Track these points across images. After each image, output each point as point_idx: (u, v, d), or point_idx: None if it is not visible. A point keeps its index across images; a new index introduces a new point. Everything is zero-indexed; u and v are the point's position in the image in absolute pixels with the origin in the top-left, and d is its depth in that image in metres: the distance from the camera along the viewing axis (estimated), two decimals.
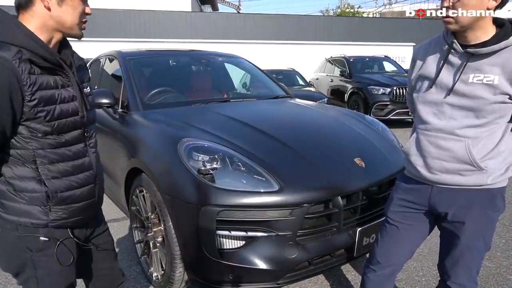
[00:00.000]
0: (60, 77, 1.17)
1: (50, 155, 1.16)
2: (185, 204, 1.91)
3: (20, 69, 1.05)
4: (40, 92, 1.09)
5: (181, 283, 2.14)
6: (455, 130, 1.34)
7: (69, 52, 1.23)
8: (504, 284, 2.42)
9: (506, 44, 1.23)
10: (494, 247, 2.90)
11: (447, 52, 1.34)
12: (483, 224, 1.42)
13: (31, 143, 1.12)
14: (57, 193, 1.18)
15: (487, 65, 1.26)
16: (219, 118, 2.61)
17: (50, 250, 1.20)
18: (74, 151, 1.22)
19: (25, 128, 1.10)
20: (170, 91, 3.21)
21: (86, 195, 1.27)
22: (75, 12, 1.15)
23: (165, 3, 16.53)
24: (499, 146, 1.34)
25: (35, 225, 1.18)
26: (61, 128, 1.16)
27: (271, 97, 3.51)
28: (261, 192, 1.85)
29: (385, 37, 17.28)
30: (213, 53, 4.09)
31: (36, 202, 1.16)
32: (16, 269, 1.22)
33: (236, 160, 1.98)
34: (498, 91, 1.25)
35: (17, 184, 1.15)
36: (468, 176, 1.36)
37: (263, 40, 16.34)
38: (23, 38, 1.07)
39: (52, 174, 1.17)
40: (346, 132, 2.64)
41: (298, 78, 9.73)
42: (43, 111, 1.10)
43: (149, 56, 3.67)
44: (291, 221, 1.83)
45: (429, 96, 1.40)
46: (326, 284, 2.46)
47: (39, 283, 1.21)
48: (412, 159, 1.48)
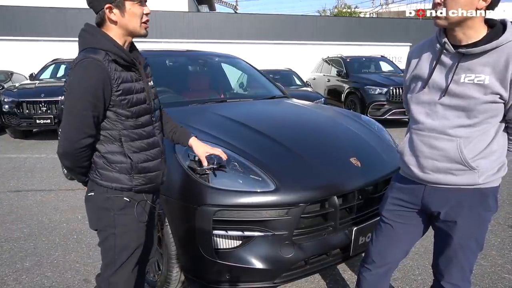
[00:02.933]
0: (134, 73, 1.46)
1: (131, 135, 1.45)
2: (181, 204, 1.92)
3: (109, 67, 1.34)
4: (124, 85, 1.39)
5: (178, 283, 2.14)
6: (447, 129, 1.35)
7: (137, 53, 1.54)
8: (499, 283, 2.43)
9: (497, 44, 1.23)
10: (489, 246, 2.91)
11: (439, 53, 1.36)
12: (475, 224, 1.42)
13: (117, 124, 1.41)
14: (138, 163, 1.47)
15: (478, 65, 1.27)
16: (216, 118, 2.62)
17: (130, 209, 1.49)
18: (147, 131, 1.51)
19: (113, 113, 1.39)
20: (167, 91, 3.21)
21: (157, 166, 1.56)
22: (136, 17, 1.41)
23: (162, 3, 16.49)
24: (491, 146, 1.35)
25: (123, 188, 1.46)
26: (138, 113, 1.45)
27: (268, 97, 3.52)
28: (257, 192, 1.85)
29: (382, 37, 17.32)
30: (210, 53, 4.10)
31: (123, 171, 1.46)
32: (101, 226, 1.50)
33: (232, 160, 1.98)
34: (489, 91, 1.26)
35: (109, 157, 1.44)
36: (459, 176, 1.37)
37: (260, 40, 16.35)
38: (108, 44, 1.36)
39: (133, 149, 1.46)
40: (342, 132, 2.65)
41: (295, 78, 9.74)
42: (125, 99, 1.40)
43: (145, 56, 3.66)
44: (287, 221, 1.83)
45: (422, 96, 1.42)
46: (323, 283, 2.47)
47: (116, 239, 1.48)
48: (406, 158, 1.49)
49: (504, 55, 1.23)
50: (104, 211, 1.47)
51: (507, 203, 3.85)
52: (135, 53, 1.52)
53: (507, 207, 3.72)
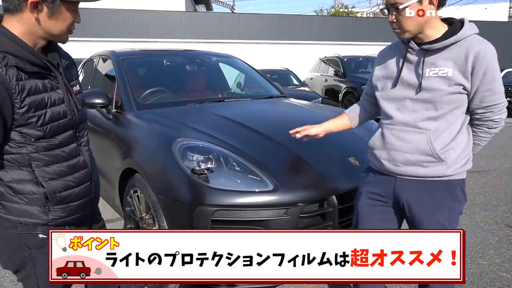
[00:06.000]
0: (49, 80, 1.15)
1: (44, 158, 1.16)
2: (179, 204, 1.91)
3: (7, 76, 1.02)
4: (29, 98, 1.08)
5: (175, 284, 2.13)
6: (417, 123, 1.43)
7: (56, 53, 1.20)
8: (497, 281, 2.44)
9: (455, 39, 1.34)
10: (487, 245, 2.93)
11: (405, 52, 1.46)
12: (446, 215, 1.48)
13: (25, 147, 1.12)
14: (55, 193, 1.19)
15: (441, 59, 1.38)
16: (214, 118, 2.61)
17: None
18: (68, 152, 1.22)
19: (17, 133, 1.09)
20: (164, 91, 3.20)
21: (83, 193, 1.28)
22: (64, 24, 1.13)
23: (159, 3, 16.47)
24: (457, 138, 1.43)
25: (34, 224, 1.18)
26: (53, 131, 1.15)
27: (266, 97, 3.51)
28: (255, 191, 1.85)
29: (379, 37, 17.33)
30: (208, 53, 4.08)
31: (35, 203, 1.17)
32: (16, 267, 1.24)
33: (230, 160, 1.98)
34: (453, 82, 1.36)
35: (15, 187, 1.15)
36: (429, 168, 1.43)
37: (257, 40, 16.34)
38: (8, 43, 1.04)
39: (49, 175, 1.18)
40: (340, 131, 2.64)
41: (292, 78, 9.75)
42: (34, 116, 1.09)
43: (142, 56, 3.66)
44: (286, 221, 1.83)
45: (393, 93, 1.50)
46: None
47: (38, 279, 1.23)
48: (377, 152, 1.56)
49: (464, 49, 1.34)
50: (16, 250, 1.20)
51: (504, 202, 3.87)
52: (52, 54, 1.19)
53: (504, 206, 3.74)
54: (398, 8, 1.34)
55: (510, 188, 4.32)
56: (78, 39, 13.12)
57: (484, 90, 1.36)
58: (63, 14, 1.10)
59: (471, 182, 4.56)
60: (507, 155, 5.86)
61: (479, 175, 4.82)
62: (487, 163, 5.38)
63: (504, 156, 5.80)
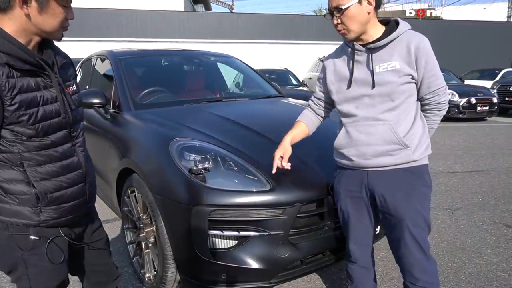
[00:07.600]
0: (42, 78, 1.14)
1: (36, 157, 1.14)
2: (177, 204, 1.90)
3: None
4: (21, 96, 1.07)
5: (174, 284, 2.13)
6: (378, 115, 1.53)
7: (51, 51, 1.19)
8: (494, 281, 2.44)
9: (395, 35, 1.50)
10: (484, 244, 2.93)
11: (352, 54, 1.57)
12: (419, 200, 1.55)
13: (16, 146, 1.10)
14: (46, 194, 1.17)
15: (386, 54, 1.51)
16: (211, 117, 2.61)
17: (41, 248, 1.20)
18: (61, 152, 1.21)
19: (9, 132, 1.08)
20: (162, 91, 3.19)
21: (77, 194, 1.26)
22: (56, 20, 1.11)
23: (158, 3, 16.46)
24: (415, 124, 1.55)
25: (26, 225, 1.17)
26: (46, 130, 1.14)
27: (264, 97, 3.51)
28: (253, 191, 1.84)
29: None
30: (206, 53, 4.08)
31: (26, 203, 1.16)
32: (8, 267, 1.22)
33: (228, 159, 1.97)
34: (402, 74, 1.49)
35: (6, 186, 1.14)
36: (396, 155, 1.53)
37: (256, 40, 16.35)
38: (0, 41, 1.04)
39: (41, 175, 1.16)
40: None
41: (291, 78, 9.76)
42: (25, 114, 1.08)
43: (140, 55, 3.65)
44: (283, 220, 1.83)
45: (349, 93, 1.59)
46: (319, 283, 2.46)
47: (31, 281, 1.22)
48: (345, 151, 1.63)
49: (404, 42, 1.48)
50: (8, 251, 1.19)
51: (502, 202, 3.88)
52: (48, 52, 1.18)
53: (502, 206, 3.75)
54: (342, 8, 1.45)
55: (508, 188, 4.32)
56: (76, 39, 13.11)
57: (429, 76, 1.50)
58: (54, 9, 1.09)
59: (469, 181, 4.57)
60: (505, 155, 5.86)
61: (477, 175, 4.82)
62: (485, 163, 5.38)
63: (502, 156, 5.80)
